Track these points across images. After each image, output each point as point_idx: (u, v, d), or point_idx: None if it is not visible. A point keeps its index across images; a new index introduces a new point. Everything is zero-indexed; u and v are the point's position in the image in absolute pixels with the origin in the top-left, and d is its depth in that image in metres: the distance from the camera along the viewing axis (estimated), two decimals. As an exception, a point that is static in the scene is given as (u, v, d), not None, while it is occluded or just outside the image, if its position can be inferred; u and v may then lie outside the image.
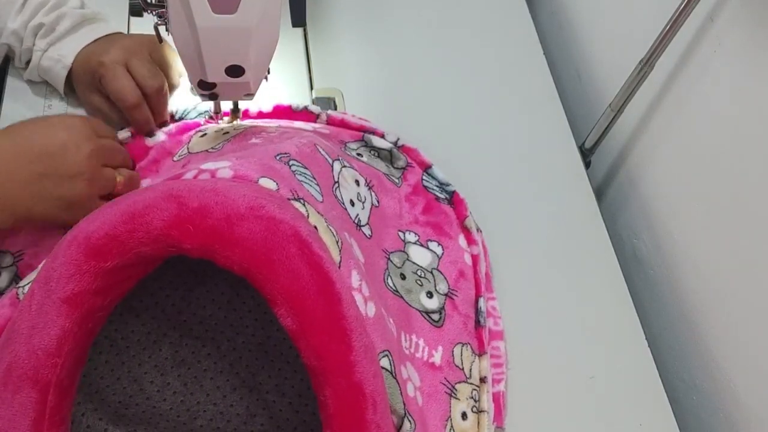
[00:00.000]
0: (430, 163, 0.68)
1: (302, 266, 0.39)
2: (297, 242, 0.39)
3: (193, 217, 0.38)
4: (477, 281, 0.62)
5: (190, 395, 0.53)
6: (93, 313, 0.39)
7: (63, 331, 0.38)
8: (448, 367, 0.56)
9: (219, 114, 0.66)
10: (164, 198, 0.39)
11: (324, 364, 0.38)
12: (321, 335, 0.38)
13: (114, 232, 0.38)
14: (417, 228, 0.63)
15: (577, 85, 0.89)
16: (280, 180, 0.45)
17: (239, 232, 0.38)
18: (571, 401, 0.60)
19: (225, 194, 0.39)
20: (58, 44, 0.64)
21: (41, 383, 0.37)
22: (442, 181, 0.67)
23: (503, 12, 0.87)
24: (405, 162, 0.67)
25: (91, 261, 0.38)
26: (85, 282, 0.38)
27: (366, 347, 0.39)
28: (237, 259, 0.38)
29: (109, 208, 0.39)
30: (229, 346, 0.54)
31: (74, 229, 0.39)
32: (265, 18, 0.51)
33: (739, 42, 0.60)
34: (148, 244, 0.38)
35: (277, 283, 0.38)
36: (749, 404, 0.60)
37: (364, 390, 0.38)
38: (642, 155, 0.77)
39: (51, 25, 0.63)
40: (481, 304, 0.60)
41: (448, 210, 0.65)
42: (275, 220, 0.39)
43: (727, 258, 0.63)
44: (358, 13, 0.84)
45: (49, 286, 0.38)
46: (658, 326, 0.73)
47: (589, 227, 0.71)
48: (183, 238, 0.38)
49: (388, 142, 0.67)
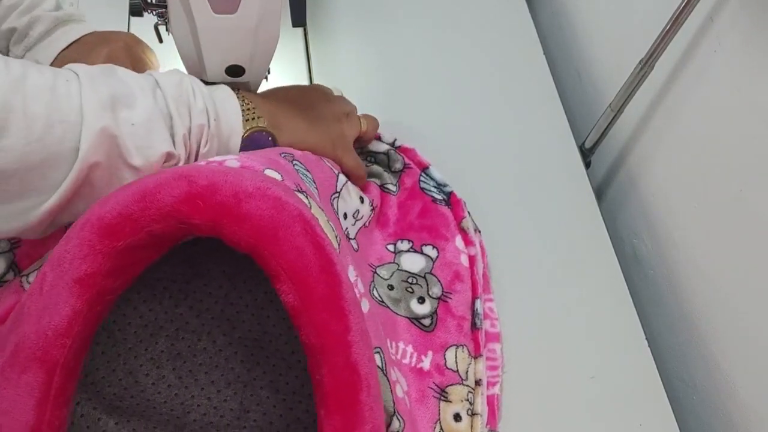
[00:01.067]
0: (428, 163, 0.68)
1: (306, 244, 0.40)
2: (302, 222, 0.40)
3: (203, 193, 0.39)
4: (474, 282, 0.62)
5: (185, 389, 0.53)
6: (103, 296, 0.40)
7: (74, 311, 0.39)
8: (438, 371, 0.56)
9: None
10: (175, 177, 0.40)
11: (323, 342, 0.39)
12: (322, 312, 0.39)
13: (127, 211, 0.39)
14: (411, 234, 0.63)
15: (577, 85, 0.89)
16: (284, 173, 0.46)
17: (247, 208, 0.39)
18: (571, 401, 0.60)
19: (234, 174, 0.41)
20: (34, 50, 0.62)
21: (49, 363, 0.38)
22: (440, 181, 0.67)
23: (503, 12, 0.87)
24: (402, 164, 0.67)
25: (105, 240, 0.39)
26: (98, 263, 0.39)
27: (362, 331, 0.40)
28: (244, 234, 0.39)
29: (122, 191, 0.40)
30: (225, 341, 0.54)
31: (87, 212, 0.40)
32: (265, 18, 0.51)
33: (739, 42, 0.60)
34: (159, 221, 0.39)
35: (282, 259, 0.39)
36: (749, 404, 0.60)
37: (359, 371, 0.39)
38: (642, 155, 0.77)
39: (24, 30, 0.62)
40: (477, 306, 0.60)
41: (446, 211, 0.65)
42: (281, 200, 0.40)
43: (727, 258, 0.63)
44: (358, 13, 0.84)
45: (62, 267, 0.39)
46: (658, 326, 0.73)
47: (589, 227, 0.71)
48: (193, 213, 0.39)
49: (384, 144, 0.67)
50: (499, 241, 0.66)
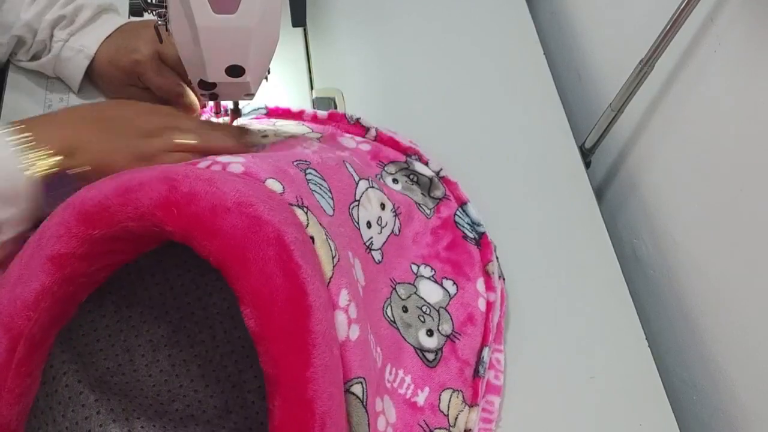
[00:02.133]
0: (467, 199, 0.66)
1: (276, 271, 0.38)
2: (277, 246, 0.39)
3: (180, 201, 0.39)
4: (486, 329, 0.59)
5: (175, 377, 0.53)
6: (75, 278, 0.40)
7: (42, 288, 0.39)
8: (431, 410, 0.54)
9: (219, 114, 0.66)
10: (159, 179, 0.39)
11: (278, 373, 0.37)
12: (280, 344, 0.38)
13: (107, 202, 0.39)
14: (435, 263, 0.61)
15: (577, 85, 0.89)
16: (288, 184, 0.45)
17: (220, 223, 0.38)
18: (571, 401, 0.60)
19: (218, 185, 0.40)
20: (79, 35, 0.65)
21: (13, 331, 0.39)
22: (475, 220, 0.65)
23: (503, 12, 0.87)
24: (443, 193, 0.66)
25: (81, 226, 0.39)
26: (73, 245, 0.39)
27: (326, 367, 0.39)
28: (213, 249, 0.38)
29: (110, 180, 0.40)
30: (224, 338, 0.54)
31: (76, 193, 0.41)
32: (265, 18, 0.51)
33: (739, 42, 0.60)
34: (134, 220, 0.39)
35: (246, 282, 0.38)
36: (749, 404, 0.60)
37: (314, 409, 0.38)
38: (642, 155, 0.77)
39: (71, 17, 0.64)
40: (484, 354, 0.58)
41: (474, 250, 0.63)
42: (260, 220, 0.39)
43: (727, 258, 0.63)
44: (358, 14, 0.84)
45: (40, 242, 0.40)
46: (658, 326, 0.73)
47: (589, 227, 0.71)
48: (166, 219, 0.38)
49: (430, 170, 0.66)
50: (499, 241, 0.66)
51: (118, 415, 0.51)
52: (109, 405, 0.50)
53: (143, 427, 0.51)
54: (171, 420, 0.52)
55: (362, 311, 0.46)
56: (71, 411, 0.48)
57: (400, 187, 0.65)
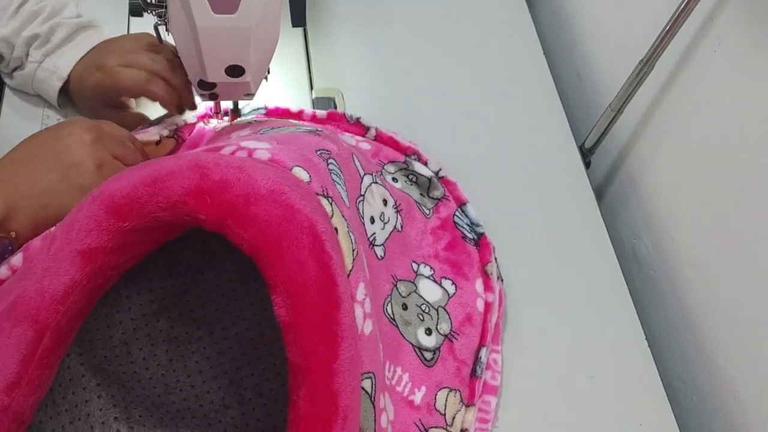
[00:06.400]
0: (466, 199, 0.66)
1: (310, 260, 0.38)
2: (311, 235, 0.39)
3: (213, 189, 0.38)
4: (484, 330, 0.59)
5: (173, 371, 0.53)
6: (105, 271, 0.40)
7: (72, 282, 0.38)
8: (427, 409, 0.54)
9: (219, 114, 0.66)
10: (189, 167, 0.39)
11: (307, 364, 0.37)
12: (311, 334, 0.37)
13: (136, 193, 0.38)
14: (434, 262, 0.61)
15: (577, 85, 0.89)
16: (314, 173, 0.44)
17: (255, 211, 0.38)
18: (571, 401, 0.60)
19: (249, 173, 0.39)
20: (54, 55, 0.63)
21: (40, 324, 0.38)
22: (474, 220, 0.65)
23: (503, 12, 0.87)
24: (442, 193, 0.66)
25: (111, 219, 0.38)
26: (103, 239, 0.39)
27: (352, 360, 0.39)
28: (248, 237, 0.38)
29: (137, 170, 0.40)
30: (222, 335, 0.54)
31: (103, 184, 0.40)
32: (265, 18, 0.51)
33: (739, 42, 0.60)
34: (166, 210, 0.38)
35: (281, 270, 0.37)
36: (749, 404, 0.60)
37: (338, 401, 0.38)
38: (642, 155, 0.77)
39: (46, 36, 0.63)
40: (482, 354, 0.58)
41: (472, 251, 0.64)
42: (294, 208, 0.39)
43: (727, 258, 0.63)
44: (358, 13, 0.84)
45: (69, 235, 0.39)
46: (658, 326, 0.73)
47: (589, 227, 0.71)
48: (199, 208, 0.38)
49: (429, 170, 0.66)
50: (499, 241, 0.66)
51: (118, 401, 0.50)
52: (110, 390, 0.50)
53: (141, 416, 0.51)
54: (168, 412, 0.52)
55: (374, 306, 0.46)
56: (71, 393, 0.48)
57: (400, 186, 0.65)
